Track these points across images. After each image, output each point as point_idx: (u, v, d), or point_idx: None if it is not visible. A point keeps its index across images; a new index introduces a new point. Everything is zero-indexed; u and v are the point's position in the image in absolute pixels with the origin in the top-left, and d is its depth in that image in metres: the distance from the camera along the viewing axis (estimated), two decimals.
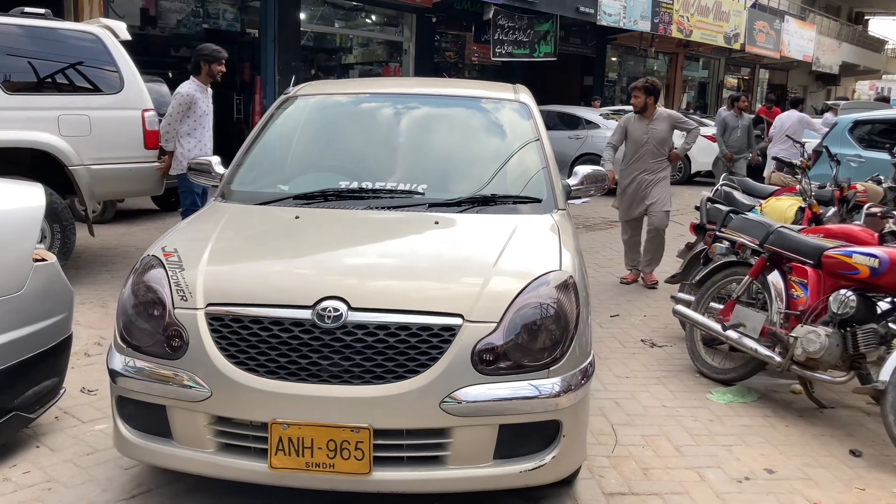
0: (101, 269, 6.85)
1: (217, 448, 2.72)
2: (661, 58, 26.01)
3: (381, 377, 2.61)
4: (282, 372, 2.63)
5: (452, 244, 3.22)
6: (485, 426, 2.65)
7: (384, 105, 4.29)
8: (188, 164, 4.16)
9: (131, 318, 2.85)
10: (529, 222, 3.39)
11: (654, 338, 5.43)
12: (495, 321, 2.68)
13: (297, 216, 3.37)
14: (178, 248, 3.03)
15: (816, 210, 5.54)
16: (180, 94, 6.21)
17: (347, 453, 2.58)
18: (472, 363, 2.63)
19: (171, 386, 2.70)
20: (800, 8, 32.99)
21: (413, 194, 3.56)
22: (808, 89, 36.41)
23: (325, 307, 2.65)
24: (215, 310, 2.72)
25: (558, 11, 16.99)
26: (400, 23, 16.74)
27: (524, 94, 4.37)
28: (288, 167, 4.03)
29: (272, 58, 13.69)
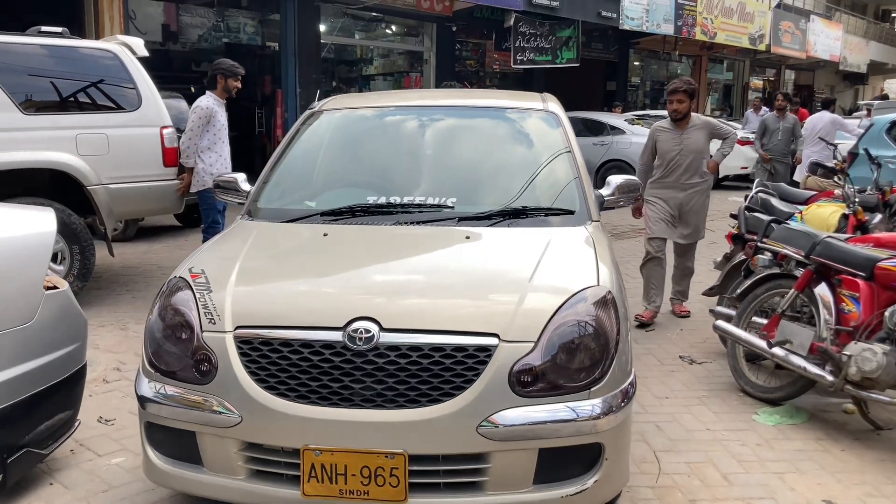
0: (121, 289, 6.74)
1: (248, 475, 2.65)
2: (684, 61, 25.68)
3: (415, 401, 2.51)
4: (313, 396, 2.55)
5: (485, 260, 3.10)
6: (524, 450, 2.54)
7: (410, 118, 4.20)
8: (214, 181, 4.07)
9: (159, 342, 2.79)
10: (563, 235, 3.27)
11: (692, 354, 5.19)
12: (533, 341, 2.57)
13: (325, 233, 3.32)
14: (205, 268, 2.96)
15: (862, 217, 5.27)
16: (199, 107, 6.10)
17: (382, 480, 2.50)
18: (509, 385, 2.52)
19: (200, 412, 2.64)
20: (825, 7, 32.45)
21: (442, 208, 3.46)
22: (835, 89, 35.76)
23: (356, 328, 2.56)
24: (244, 333, 2.65)
25: (580, 17, 16.79)
26: (420, 32, 16.63)
27: (552, 102, 4.27)
28: (315, 183, 3.95)
29: (293, 71, 13.61)
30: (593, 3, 16.93)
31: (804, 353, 4.04)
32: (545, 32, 16.77)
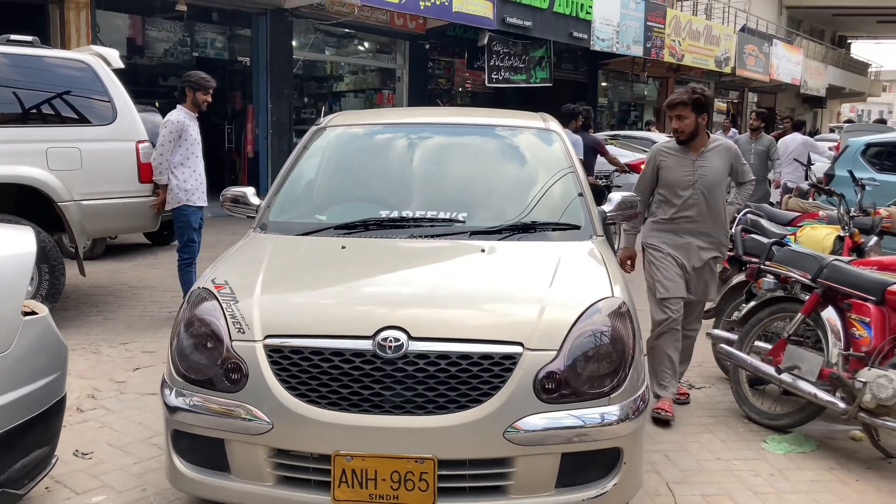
0: (91, 310, 6.43)
1: (276, 481, 2.68)
2: (650, 82, 25.94)
3: (443, 407, 2.59)
4: (343, 403, 2.61)
5: (502, 272, 3.18)
6: (547, 455, 2.62)
7: (417, 134, 4.25)
8: (223, 195, 4.04)
9: (186, 351, 2.83)
10: (571, 249, 3.37)
11: (690, 378, 5.06)
12: (555, 349, 2.66)
13: (343, 246, 3.36)
14: (228, 279, 3.00)
15: (858, 240, 5.23)
16: (170, 122, 5.83)
17: (412, 484, 2.55)
18: (534, 391, 2.61)
19: (230, 419, 2.67)
20: (786, 32, 33.19)
21: (454, 222, 3.54)
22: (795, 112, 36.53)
23: (385, 337, 2.63)
24: (274, 342, 2.70)
25: (552, 37, 16.84)
26: (393, 50, 16.51)
27: (553, 122, 4.36)
28: (324, 197, 4.01)
29: (264, 86, 13.39)
30: (565, 24, 16.99)
31: (813, 379, 3.94)
32: (518, 52, 16.78)
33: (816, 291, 4.09)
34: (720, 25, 24.88)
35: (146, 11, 13.31)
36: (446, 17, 13.97)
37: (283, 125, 13.64)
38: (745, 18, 27.90)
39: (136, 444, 3.87)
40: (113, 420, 4.16)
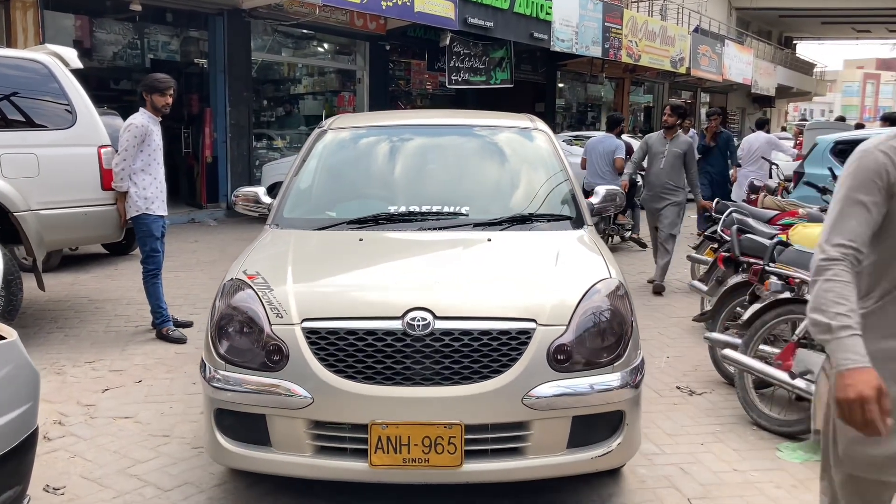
0: (51, 326, 6.03)
1: (315, 451, 2.94)
2: (607, 83, 26.05)
3: (468, 378, 2.87)
4: (378, 377, 2.88)
5: (510, 258, 3.52)
6: (560, 418, 2.93)
7: (416, 135, 4.60)
8: (235, 194, 4.37)
9: (227, 337, 3.07)
10: (567, 237, 3.77)
11: (688, 383, 4.92)
12: (564, 324, 2.98)
13: (360, 238, 3.64)
14: (260, 270, 3.24)
15: None
16: (134, 125, 5.46)
17: (441, 448, 2.82)
18: (547, 362, 2.92)
19: (273, 396, 2.92)
20: (736, 32, 33.73)
21: (457, 215, 3.87)
22: (745, 111, 37.18)
23: (413, 317, 2.90)
24: (311, 324, 2.96)
25: (513, 37, 16.73)
26: (353, 51, 16.21)
27: (540, 122, 4.72)
28: (333, 195, 4.29)
29: (222, 89, 13.00)
30: (526, 25, 16.89)
31: None
32: (479, 53, 16.63)
33: None
34: (675, 26, 25.10)
35: (95, 12, 12.79)
36: (408, 17, 13.74)
37: (242, 128, 13.25)
38: (698, 19, 28.23)
39: (112, 475, 3.55)
40: (84, 449, 3.83)
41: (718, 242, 6.81)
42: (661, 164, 7.69)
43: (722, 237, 6.50)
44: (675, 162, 7.64)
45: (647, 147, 7.95)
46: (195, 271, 8.30)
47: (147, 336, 5.80)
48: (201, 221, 12.36)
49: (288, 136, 15.25)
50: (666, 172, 7.68)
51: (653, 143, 7.90)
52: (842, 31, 44.15)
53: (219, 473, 3.56)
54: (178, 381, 4.85)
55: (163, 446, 3.86)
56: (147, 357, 5.31)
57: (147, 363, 5.18)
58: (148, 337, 5.78)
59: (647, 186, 7.94)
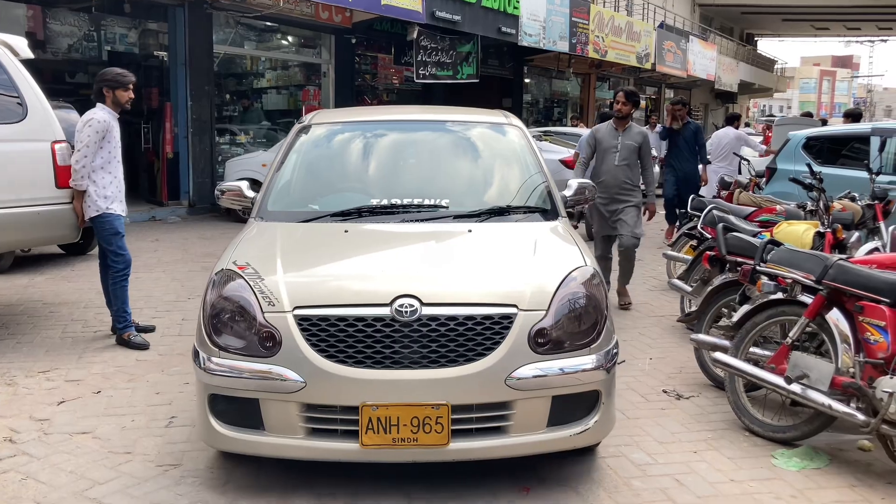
0: (2, 332, 5.68)
1: (307, 433, 3.08)
2: (572, 79, 25.97)
3: (454, 360, 3.03)
4: (368, 361, 3.02)
5: (490, 248, 3.68)
6: (541, 398, 3.11)
7: (395, 130, 4.73)
8: (219, 188, 4.42)
9: (222, 324, 3.18)
10: (543, 228, 3.95)
11: (675, 386, 4.77)
12: (544, 309, 3.15)
13: (346, 230, 3.78)
14: (250, 261, 3.37)
15: (841, 235, 5.03)
16: (95, 120, 5.15)
17: (429, 427, 2.97)
18: (528, 345, 3.09)
19: (267, 381, 3.05)
20: (699, 28, 33.95)
21: (438, 208, 4.01)
22: (708, 107, 37.49)
23: (401, 304, 3.05)
24: (303, 312, 3.09)
25: (481, 31, 16.51)
26: (318, 44, 15.87)
27: (514, 118, 4.92)
28: (316, 188, 4.39)
29: (183, 82, 12.59)
30: (493, 19, 16.70)
31: (825, 389, 3.66)
32: (446, 47, 16.37)
33: (821, 293, 3.82)
34: (641, 22, 25.14)
35: (49, 2, 12.32)
36: (375, 10, 13.46)
37: (204, 123, 12.85)
38: (663, 15, 28.34)
39: (69, 498, 3.27)
40: (38, 469, 3.54)
41: (698, 240, 6.70)
42: (616, 161, 6.62)
43: (702, 234, 6.38)
44: (631, 157, 6.63)
45: (596, 141, 6.77)
46: (156, 272, 7.96)
47: (106, 342, 5.49)
48: (162, 219, 11.97)
49: (251, 131, 14.87)
50: (622, 170, 6.62)
51: (602, 137, 6.73)
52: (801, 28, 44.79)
53: (187, 494, 3.30)
54: (139, 391, 4.56)
55: (124, 465, 3.59)
56: (106, 365, 5.01)
57: (106, 372, 4.88)
58: (107, 343, 5.47)
59: (600, 187, 6.27)
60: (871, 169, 7.14)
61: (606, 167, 6.67)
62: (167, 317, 6.21)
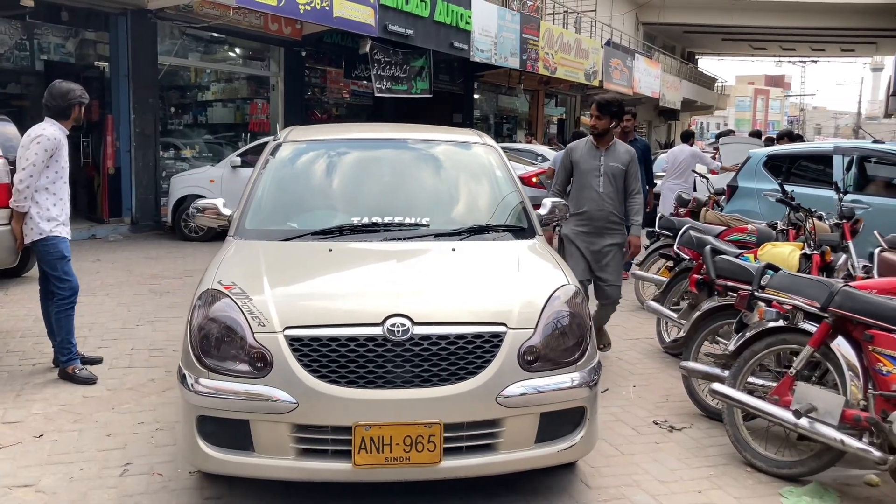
0: None
1: (298, 454, 3.04)
2: (520, 95, 25.98)
3: (445, 379, 3.04)
4: (361, 381, 3.01)
5: (475, 266, 3.71)
6: (529, 415, 3.14)
7: (371, 148, 4.73)
8: (194, 206, 4.27)
9: (209, 346, 3.13)
10: (523, 246, 3.98)
11: (665, 417, 4.55)
12: (532, 327, 3.20)
13: (330, 249, 3.76)
14: (235, 280, 3.32)
15: (829, 258, 4.90)
16: (45, 137, 4.74)
17: (421, 446, 2.97)
18: (518, 363, 3.12)
19: (258, 402, 3.01)
20: (643, 46, 34.47)
21: (419, 226, 4.03)
22: (652, 124, 38.06)
23: (393, 323, 3.06)
24: (294, 332, 3.06)
25: (433, 46, 16.30)
26: (266, 56, 15.42)
27: (488, 138, 4.97)
28: (294, 206, 4.32)
29: (126, 94, 12.04)
30: (446, 34, 16.51)
31: (835, 423, 3.47)
32: (399, 61, 16.13)
33: (826, 321, 3.64)
34: (589, 39, 25.31)
35: None
36: (327, 22, 13.11)
37: (147, 137, 12.30)
38: (609, 33, 28.64)
39: None
40: None
41: (673, 260, 6.54)
42: (600, 187, 5.37)
43: (678, 255, 6.23)
44: (618, 182, 5.41)
45: (571, 162, 5.50)
46: (100, 295, 7.45)
47: (48, 377, 5.01)
48: (103, 237, 11.37)
49: (197, 145, 14.32)
50: (609, 198, 5.37)
51: (580, 158, 5.44)
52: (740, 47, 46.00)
53: None
54: (88, 433, 4.12)
55: None
56: (49, 404, 4.54)
57: (49, 411, 4.42)
58: (49, 378, 4.99)
59: (580, 219, 5.39)
60: (839, 188, 7.11)
61: (588, 195, 5.39)
62: (115, 346, 5.75)
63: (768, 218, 8.39)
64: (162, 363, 5.36)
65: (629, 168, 5.42)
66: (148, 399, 4.65)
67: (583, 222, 5.41)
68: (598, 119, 5.39)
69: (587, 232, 5.41)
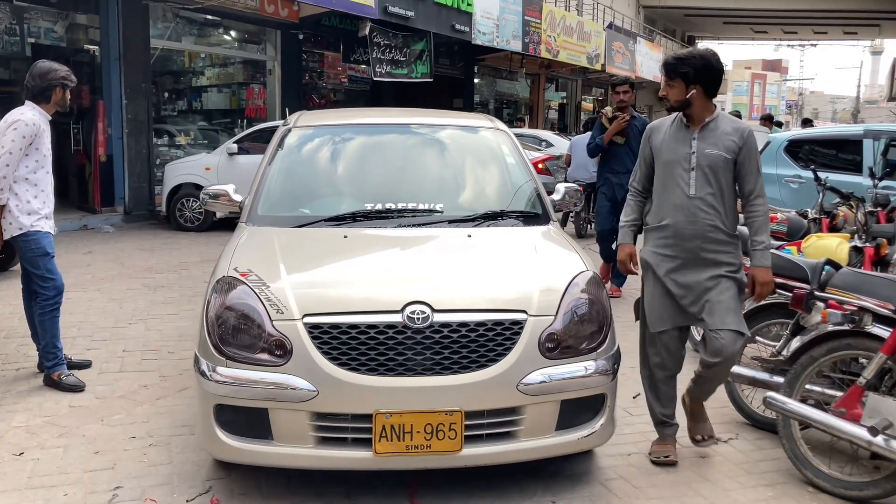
0: None
1: (317, 442, 3.02)
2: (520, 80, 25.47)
3: (466, 367, 3.01)
4: (381, 369, 2.98)
5: (492, 253, 3.67)
6: (550, 402, 3.11)
7: (382, 133, 4.67)
8: (205, 192, 4.28)
9: (227, 334, 3.09)
10: (539, 232, 3.95)
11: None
12: (552, 314, 3.16)
13: (345, 235, 3.73)
14: (251, 267, 3.28)
15: (884, 251, 4.50)
16: (23, 122, 4.33)
17: (442, 434, 2.95)
18: (539, 350, 3.09)
19: (278, 390, 2.98)
20: (644, 29, 33.96)
21: (433, 212, 3.98)
22: (653, 108, 37.57)
23: (413, 311, 3.02)
24: (313, 320, 3.03)
25: (434, 28, 15.85)
26: (262, 40, 14.94)
27: (500, 122, 4.92)
28: (306, 192, 4.27)
29: (117, 79, 11.61)
30: (447, 16, 16.06)
31: None
32: (399, 45, 15.65)
33: None
34: (591, 22, 24.85)
35: None
36: (325, 3, 12.67)
37: (140, 124, 11.86)
38: (611, 16, 28.14)
39: None
40: None
41: None
42: (691, 187, 3.47)
43: None
44: (722, 179, 3.46)
45: (651, 150, 3.66)
46: (90, 291, 7.03)
47: (32, 383, 4.61)
48: (95, 228, 10.94)
49: (192, 132, 13.88)
50: (707, 204, 3.46)
51: (662, 142, 3.59)
52: (741, 31, 45.42)
53: None
54: (74, 450, 3.72)
55: None
56: (32, 415, 4.14)
57: (32, 424, 4.01)
58: (33, 384, 4.59)
59: (661, 236, 3.57)
60: (874, 173, 6.70)
61: (672, 200, 3.53)
62: (105, 348, 5.34)
63: (790, 205, 8.00)
64: (155, 367, 4.95)
65: (741, 156, 3.43)
66: (140, 409, 4.25)
67: (666, 242, 3.54)
68: (668, 87, 3.49)
69: (673, 256, 3.52)
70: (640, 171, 3.76)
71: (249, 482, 3.38)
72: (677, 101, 3.49)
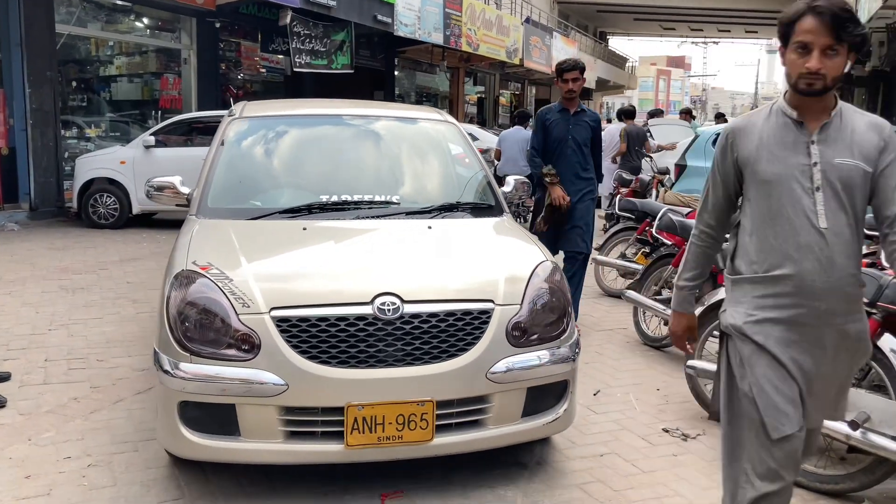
0: None
1: (286, 437, 2.97)
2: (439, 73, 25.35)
3: (437, 357, 3.04)
4: (352, 361, 2.96)
5: (453, 244, 3.69)
6: (517, 390, 3.18)
7: (330, 124, 4.59)
8: (149, 183, 4.18)
9: (191, 329, 3.00)
10: (494, 223, 4.03)
11: (675, 423, 4.11)
12: (518, 303, 3.22)
13: (304, 227, 3.67)
14: (211, 261, 3.19)
15: None
16: None
17: (414, 424, 2.96)
18: (506, 338, 3.15)
19: (245, 385, 2.91)
20: (558, 24, 34.39)
21: (390, 204, 3.98)
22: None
23: (383, 302, 3.03)
24: (281, 313, 2.98)
25: (356, 19, 15.56)
26: (177, 28, 14.28)
27: (449, 115, 5.00)
28: (256, 184, 4.20)
29: (19, 66, 10.82)
30: (369, 6, 15.78)
31: (894, 433, 3.08)
32: (319, 34, 15.27)
33: (874, 318, 3.24)
34: (509, 16, 24.94)
35: None
36: None
37: (46, 114, 11.12)
38: (528, 10, 28.34)
39: None
40: None
41: (651, 245, 6.15)
42: (820, 217, 2.23)
43: (656, 240, 5.83)
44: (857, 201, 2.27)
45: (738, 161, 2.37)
46: (0, 295, 6.49)
47: None
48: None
49: (102, 123, 13.14)
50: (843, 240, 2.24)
51: (758, 150, 2.31)
52: (650, 27, 46.71)
53: None
54: (0, 474, 3.34)
55: None
56: None
57: None
58: None
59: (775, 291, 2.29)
60: None
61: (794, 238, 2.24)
62: (24, 357, 4.89)
63: None
64: (84, 377, 4.56)
65: (880, 162, 2.25)
66: (72, 424, 3.88)
67: (779, 302, 2.30)
68: (824, 56, 2.19)
69: (801, 323, 2.28)
70: (712, 197, 2.47)
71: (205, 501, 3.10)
72: (835, 79, 2.19)
